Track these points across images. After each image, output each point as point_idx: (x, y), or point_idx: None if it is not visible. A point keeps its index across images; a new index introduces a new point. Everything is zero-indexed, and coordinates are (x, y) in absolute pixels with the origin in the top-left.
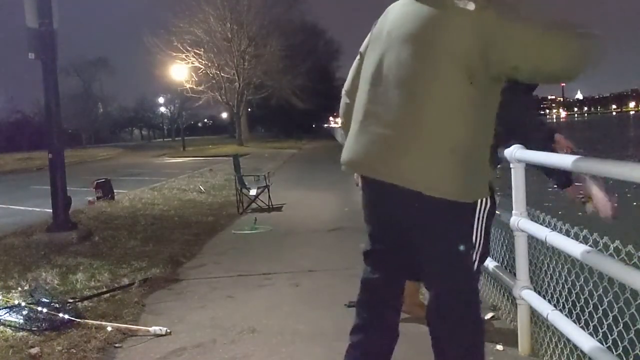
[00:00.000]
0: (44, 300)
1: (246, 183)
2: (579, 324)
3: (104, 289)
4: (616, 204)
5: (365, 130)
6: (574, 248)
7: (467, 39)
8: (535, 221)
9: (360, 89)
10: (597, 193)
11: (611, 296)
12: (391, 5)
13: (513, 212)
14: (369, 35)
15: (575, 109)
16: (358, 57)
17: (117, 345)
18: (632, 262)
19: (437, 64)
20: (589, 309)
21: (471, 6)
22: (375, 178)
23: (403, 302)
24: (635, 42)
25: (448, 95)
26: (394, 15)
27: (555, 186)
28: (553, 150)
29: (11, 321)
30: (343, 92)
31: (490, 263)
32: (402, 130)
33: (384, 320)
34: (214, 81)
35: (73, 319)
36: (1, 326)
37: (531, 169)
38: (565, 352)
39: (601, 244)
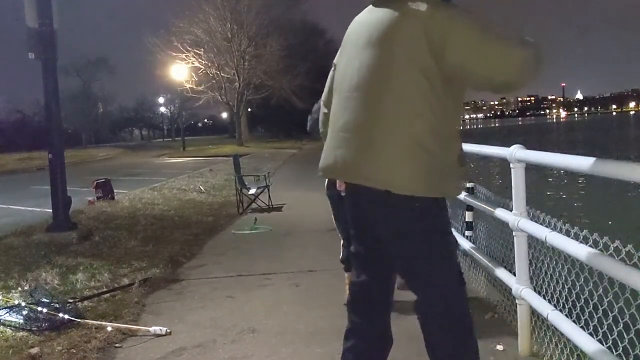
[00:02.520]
0: (44, 300)
1: (246, 183)
2: (579, 324)
3: (104, 289)
4: None
5: (335, 136)
6: (574, 248)
7: (419, 40)
8: (535, 221)
9: (333, 98)
10: None
11: (611, 296)
12: (356, 17)
13: (513, 212)
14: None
15: (576, 109)
16: (332, 68)
17: (117, 345)
18: (632, 262)
19: (393, 65)
20: (589, 309)
21: (423, 7)
22: (347, 181)
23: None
24: (635, 42)
25: (405, 95)
26: (357, 24)
27: None
28: None
29: (11, 321)
30: (321, 103)
31: (490, 263)
32: (364, 132)
33: (374, 323)
34: (214, 81)
35: (73, 319)
36: (1, 326)
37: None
38: (565, 352)
39: (601, 244)
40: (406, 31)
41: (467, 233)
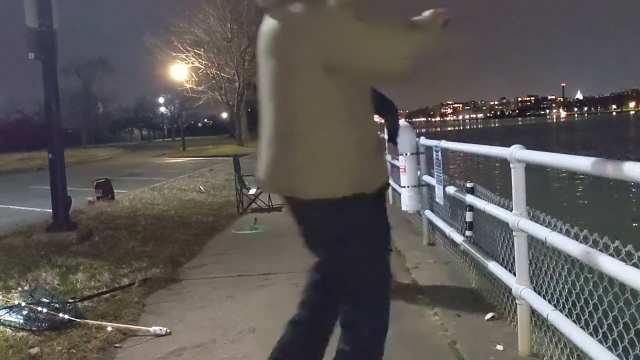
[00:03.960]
0: (44, 300)
1: (246, 183)
2: (579, 324)
3: (104, 289)
4: None
5: (260, 147)
6: (574, 248)
7: (305, 45)
8: (535, 221)
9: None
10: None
11: (611, 296)
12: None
13: (513, 212)
14: None
15: (576, 109)
16: None
17: (117, 345)
18: (632, 262)
19: (292, 74)
20: (589, 309)
21: (299, 10)
22: (272, 193)
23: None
24: (635, 42)
25: (310, 101)
26: (260, 34)
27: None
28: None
29: (11, 321)
30: None
31: (490, 262)
32: (278, 141)
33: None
34: (214, 81)
35: (73, 319)
36: (1, 326)
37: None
38: (565, 352)
39: (601, 244)
40: (292, 39)
41: (467, 233)
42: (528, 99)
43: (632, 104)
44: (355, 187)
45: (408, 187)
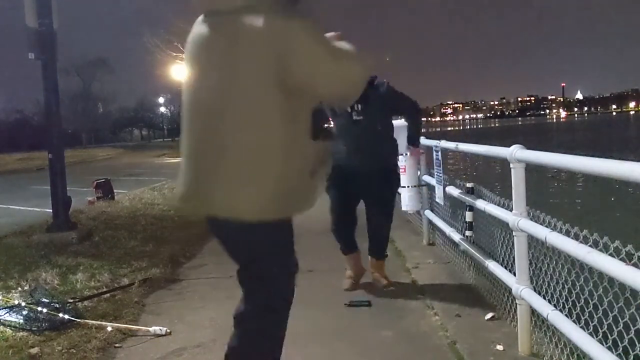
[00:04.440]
0: (44, 300)
1: None
2: (579, 324)
3: (104, 289)
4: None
5: (183, 161)
6: (574, 248)
7: (262, 56)
8: (535, 221)
9: (182, 117)
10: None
11: (611, 296)
12: (193, 27)
13: (513, 212)
14: None
15: (576, 109)
16: None
17: (117, 345)
18: (632, 262)
19: (235, 86)
20: (589, 309)
21: (260, 22)
22: (195, 212)
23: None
24: (635, 41)
25: (250, 117)
26: (191, 41)
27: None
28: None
29: (11, 321)
30: None
31: (490, 262)
32: (206, 158)
33: None
34: None
35: (73, 319)
36: (1, 326)
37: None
38: (565, 352)
39: (601, 244)
40: (247, 48)
41: (467, 233)
42: (528, 99)
43: (632, 104)
44: (288, 210)
45: (408, 187)
